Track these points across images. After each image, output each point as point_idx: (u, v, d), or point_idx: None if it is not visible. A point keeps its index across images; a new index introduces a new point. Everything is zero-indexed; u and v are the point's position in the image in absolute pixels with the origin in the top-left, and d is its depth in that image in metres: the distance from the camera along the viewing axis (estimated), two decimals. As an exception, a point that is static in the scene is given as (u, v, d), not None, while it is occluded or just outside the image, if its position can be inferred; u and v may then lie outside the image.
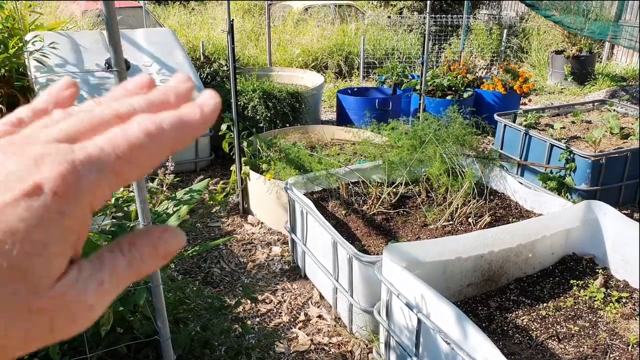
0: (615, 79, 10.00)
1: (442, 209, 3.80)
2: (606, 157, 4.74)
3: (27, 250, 0.29)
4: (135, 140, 0.31)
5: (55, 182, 0.29)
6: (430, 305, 2.57)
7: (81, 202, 0.30)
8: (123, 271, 0.32)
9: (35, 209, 0.29)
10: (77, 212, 0.30)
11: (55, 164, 0.29)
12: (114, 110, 0.33)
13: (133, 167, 0.31)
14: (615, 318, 3.08)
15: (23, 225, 0.28)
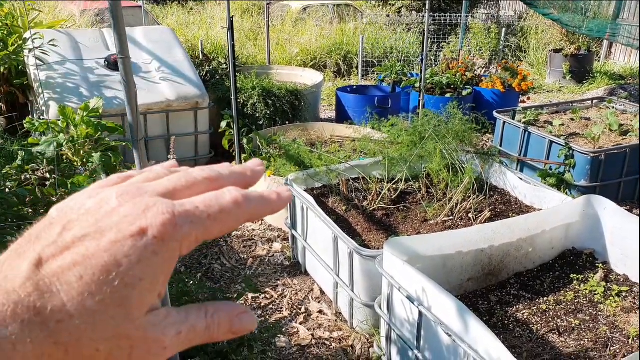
0: (614, 77, 10.02)
1: (442, 205, 3.81)
2: (605, 153, 4.76)
3: (126, 282, 0.34)
4: (226, 205, 0.38)
5: (157, 228, 0.35)
6: (432, 298, 2.58)
7: (173, 248, 0.36)
8: (200, 332, 0.38)
9: (137, 248, 0.35)
10: (168, 255, 0.36)
11: (159, 214, 0.35)
12: (205, 174, 0.41)
13: (218, 226, 0.38)
14: (615, 312, 3.08)
15: (126, 260, 0.34)
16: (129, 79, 1.26)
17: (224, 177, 0.42)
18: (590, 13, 8.49)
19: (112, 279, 0.34)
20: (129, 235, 0.35)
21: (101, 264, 0.34)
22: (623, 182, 4.90)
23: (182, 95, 5.32)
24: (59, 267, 0.34)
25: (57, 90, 4.96)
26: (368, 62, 10.32)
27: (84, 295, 0.34)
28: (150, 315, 0.36)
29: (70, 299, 0.33)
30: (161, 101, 5.26)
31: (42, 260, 0.34)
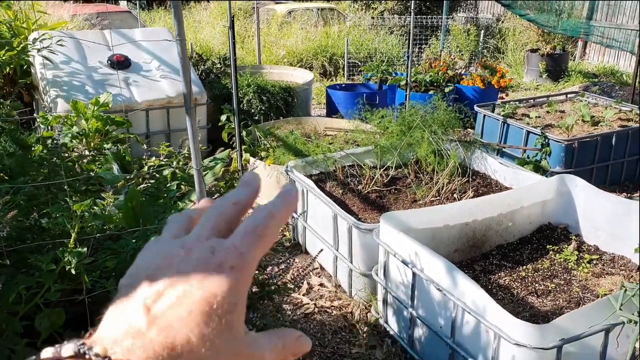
0: (588, 75, 10.49)
1: (429, 187, 4.16)
2: (578, 141, 5.15)
3: (226, 308, 0.40)
4: (266, 222, 0.45)
5: (231, 260, 0.42)
6: (424, 261, 2.92)
7: (247, 273, 0.43)
8: (280, 350, 0.45)
9: (223, 279, 0.41)
10: (246, 279, 0.43)
11: (226, 249, 0.43)
12: (232, 200, 0.48)
13: (268, 239, 0.45)
14: (587, 276, 3.45)
15: (220, 290, 0.40)
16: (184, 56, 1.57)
17: (243, 199, 0.48)
18: (564, 14, 8.95)
19: (216, 307, 0.39)
20: (213, 270, 0.41)
21: (200, 298, 0.40)
22: (595, 168, 5.30)
23: (181, 92, 5.60)
24: (166, 307, 0.39)
25: (64, 88, 5.23)
26: (352, 63, 10.68)
27: (201, 326, 0.39)
28: (248, 336, 0.42)
29: (191, 330, 0.38)
30: (162, 98, 5.55)
31: (147, 307, 0.40)
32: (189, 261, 0.42)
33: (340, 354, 3.23)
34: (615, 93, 8.59)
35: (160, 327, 0.38)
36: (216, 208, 0.47)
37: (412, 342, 3.12)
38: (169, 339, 0.38)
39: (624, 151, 5.41)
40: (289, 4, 15.38)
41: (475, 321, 2.63)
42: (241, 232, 0.44)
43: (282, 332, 0.46)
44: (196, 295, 0.39)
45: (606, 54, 11.43)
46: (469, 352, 2.70)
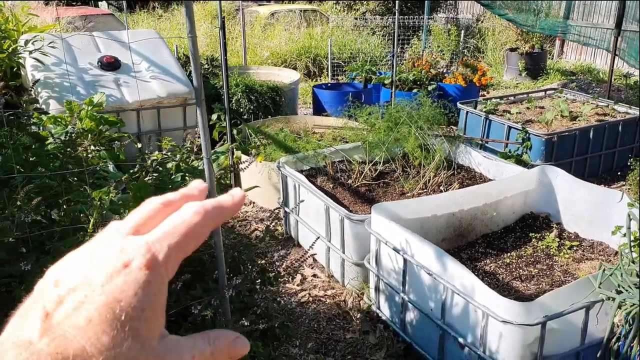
0: (566, 73, 10.76)
1: (416, 180, 4.31)
2: (558, 135, 5.35)
3: (131, 315, 0.37)
4: (190, 220, 0.42)
5: (139, 260, 0.39)
6: (414, 247, 3.06)
7: (160, 273, 0.39)
8: (207, 356, 0.41)
9: (129, 282, 0.38)
10: (159, 281, 0.39)
11: (135, 248, 0.39)
12: (159, 201, 0.45)
13: (190, 240, 0.42)
14: (567, 262, 3.63)
15: (124, 295, 0.37)
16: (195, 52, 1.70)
17: (176, 200, 0.45)
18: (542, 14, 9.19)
19: (118, 314, 0.37)
20: (117, 273, 0.38)
21: (102, 304, 0.37)
22: (574, 161, 5.50)
23: (171, 92, 5.72)
24: (65, 314, 0.37)
25: (56, 90, 5.31)
26: (336, 64, 10.83)
27: (99, 335, 0.36)
28: (164, 343, 0.40)
29: (87, 340, 0.36)
30: (152, 98, 5.64)
31: (47, 313, 0.37)
32: (94, 264, 0.39)
33: (335, 339, 3.37)
34: (592, 90, 8.84)
35: (53, 337, 0.36)
36: (143, 206, 0.45)
37: (403, 325, 3.26)
38: (60, 349, 0.35)
39: (601, 145, 5.63)
40: (272, 6, 15.51)
41: (464, 302, 2.78)
42: (159, 230, 0.42)
43: (214, 334, 0.43)
44: (98, 301, 0.37)
45: (583, 53, 11.72)
46: (458, 332, 2.85)
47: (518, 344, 2.60)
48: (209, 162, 1.84)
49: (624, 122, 5.71)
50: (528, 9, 8.75)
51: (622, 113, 6.00)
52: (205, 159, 1.84)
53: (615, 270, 2.70)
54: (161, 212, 0.44)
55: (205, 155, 1.83)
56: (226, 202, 0.45)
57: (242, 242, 2.53)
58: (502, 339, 2.64)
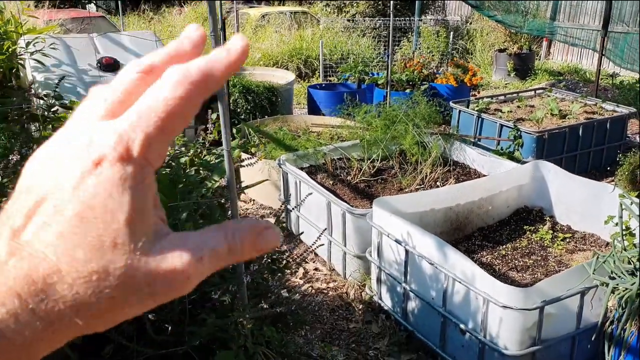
0: (553, 74, 10.97)
1: (414, 176, 4.44)
2: (548, 133, 5.50)
3: (108, 220, 0.32)
4: (169, 93, 0.33)
5: (110, 153, 0.32)
6: (415, 239, 3.19)
7: (140, 164, 0.33)
8: (222, 254, 0.35)
9: (101, 182, 0.32)
10: (139, 176, 0.33)
11: (104, 139, 0.33)
12: (136, 69, 0.36)
13: (174, 120, 0.34)
14: (561, 253, 3.77)
15: (97, 199, 0.32)
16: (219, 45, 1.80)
17: (160, 64, 0.36)
18: (529, 15, 9.39)
19: (92, 223, 0.32)
20: (87, 173, 0.32)
21: (73, 214, 0.32)
22: (564, 157, 5.66)
23: (170, 93, 5.81)
24: (33, 233, 0.32)
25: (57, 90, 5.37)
26: (327, 65, 10.95)
27: (72, 250, 0.32)
28: (162, 243, 0.34)
29: (59, 257, 0.32)
30: (152, 99, 5.73)
31: (15, 232, 0.33)
32: (62, 164, 0.33)
33: (339, 329, 3.48)
34: (580, 90, 9.04)
35: (22, 256, 0.32)
36: (119, 78, 0.36)
37: (405, 314, 3.38)
38: (30, 270, 0.32)
39: (590, 141, 5.79)
40: (262, 8, 15.61)
41: (465, 290, 2.90)
42: (132, 111, 0.34)
43: (233, 227, 0.36)
44: (68, 210, 0.32)
45: (569, 54, 11.94)
46: (459, 319, 2.98)
47: (517, 329, 2.73)
48: (229, 154, 1.95)
49: (612, 119, 5.88)
50: (516, 10, 8.94)
51: (610, 111, 6.17)
52: (226, 150, 1.95)
53: (609, 258, 2.84)
54: (142, 83, 0.36)
55: (226, 147, 1.94)
56: (218, 61, 0.35)
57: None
58: (502, 324, 2.76)
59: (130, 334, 2.10)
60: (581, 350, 2.97)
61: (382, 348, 3.30)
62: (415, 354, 3.24)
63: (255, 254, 0.37)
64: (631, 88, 9.06)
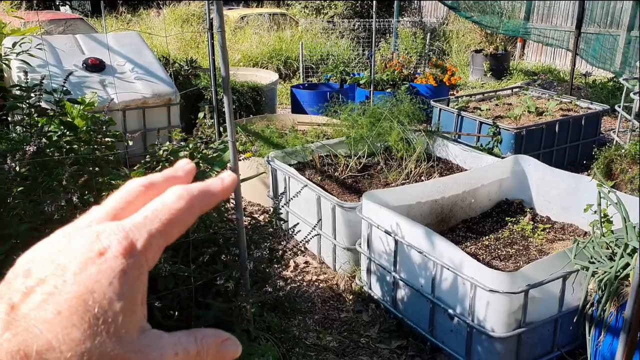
0: (528, 73, 11.24)
1: (399, 172, 4.58)
2: (526, 129, 5.69)
3: (105, 306, 0.34)
4: (172, 205, 0.39)
5: (115, 247, 0.36)
6: (404, 229, 3.31)
7: (139, 262, 0.36)
8: (192, 355, 0.38)
9: (104, 271, 0.35)
10: (137, 271, 0.36)
11: (112, 234, 0.37)
12: (139, 183, 0.41)
13: (174, 226, 0.39)
14: (542, 242, 3.93)
15: (98, 285, 0.34)
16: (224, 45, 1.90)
17: (159, 182, 0.42)
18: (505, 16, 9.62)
19: (90, 306, 0.34)
20: (91, 261, 0.35)
21: (73, 295, 0.34)
22: (541, 153, 5.85)
23: (156, 92, 5.87)
24: (30, 309, 0.34)
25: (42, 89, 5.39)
26: (307, 67, 11.07)
27: (68, 328, 0.33)
28: (144, 337, 0.36)
29: (55, 334, 0.33)
30: (138, 98, 5.78)
31: (12, 306, 0.34)
32: (68, 251, 0.36)
33: (331, 319, 3.60)
34: (554, 88, 9.29)
35: (17, 331, 0.33)
36: (123, 189, 0.41)
37: (395, 303, 3.51)
38: (23, 345, 0.33)
39: (566, 138, 6.00)
40: (241, 10, 15.68)
41: (453, 276, 3.04)
42: (139, 215, 0.39)
43: (201, 332, 0.40)
44: (69, 291, 0.34)
45: (543, 54, 12.24)
46: (448, 304, 3.11)
47: (504, 312, 2.87)
48: (234, 145, 2.05)
49: (587, 116, 6.10)
50: (492, 11, 9.16)
51: (585, 108, 6.39)
52: (231, 142, 2.05)
53: (588, 244, 3.00)
54: (142, 196, 0.41)
55: (231, 139, 2.03)
56: (214, 186, 0.42)
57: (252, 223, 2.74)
58: (489, 308, 2.90)
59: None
60: (563, 332, 3.13)
61: (373, 335, 3.42)
62: (405, 340, 3.37)
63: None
64: (604, 87, 9.36)
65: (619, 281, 2.76)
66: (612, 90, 8.92)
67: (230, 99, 2.01)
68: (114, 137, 4.04)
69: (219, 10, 1.91)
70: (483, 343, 2.97)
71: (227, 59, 1.95)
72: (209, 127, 5.34)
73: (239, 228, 2.18)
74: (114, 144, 2.46)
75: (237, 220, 2.16)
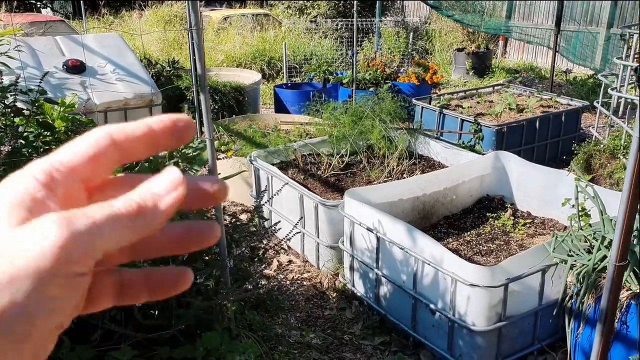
0: (510, 71, 11.33)
1: (381, 169, 4.60)
2: (507, 126, 5.74)
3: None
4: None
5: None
6: (386, 226, 3.33)
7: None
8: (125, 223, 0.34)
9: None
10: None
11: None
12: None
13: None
14: (522, 237, 3.97)
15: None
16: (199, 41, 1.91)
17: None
18: (486, 15, 9.70)
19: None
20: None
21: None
22: (522, 150, 5.90)
23: (138, 93, 5.84)
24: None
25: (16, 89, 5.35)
26: (291, 67, 11.07)
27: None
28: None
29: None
30: (120, 100, 5.75)
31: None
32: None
33: (315, 316, 3.61)
34: (535, 86, 9.38)
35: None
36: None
37: (377, 299, 3.53)
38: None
39: (547, 134, 6.06)
40: (224, 11, 15.65)
41: (434, 272, 3.06)
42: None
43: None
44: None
45: (525, 52, 12.34)
46: (429, 300, 3.13)
47: (484, 306, 2.90)
48: (212, 142, 2.05)
49: (567, 112, 6.17)
50: (474, 10, 9.23)
51: (565, 105, 6.46)
52: (208, 140, 2.05)
53: (567, 237, 3.04)
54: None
55: (208, 137, 2.04)
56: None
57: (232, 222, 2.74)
58: (469, 302, 2.93)
59: (118, 319, 2.18)
60: (543, 326, 3.16)
61: (357, 332, 3.43)
62: (388, 336, 3.39)
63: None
64: (584, 83, 9.46)
65: (596, 273, 2.80)
66: (593, 87, 9.02)
67: (207, 96, 2.01)
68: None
69: (193, 8, 1.91)
70: (464, 337, 3.00)
71: (203, 56, 1.95)
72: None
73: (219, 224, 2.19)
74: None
75: (217, 218, 2.16)
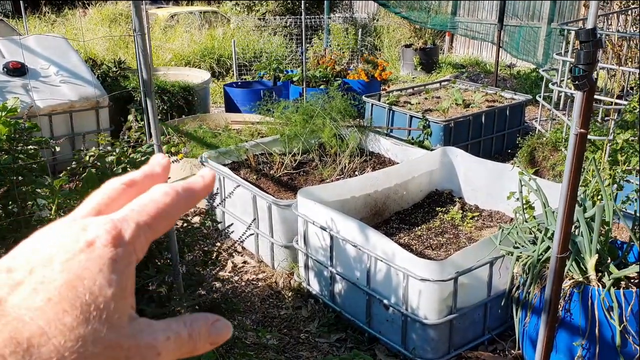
0: (456, 66, 11.57)
1: (334, 167, 4.65)
2: (454, 122, 5.87)
3: (96, 293, 0.35)
4: (159, 199, 0.40)
5: (104, 237, 0.37)
6: (339, 224, 3.38)
7: (128, 251, 0.37)
8: (184, 338, 0.39)
9: (93, 260, 0.35)
10: (126, 260, 0.37)
11: (100, 225, 0.37)
12: (121, 181, 0.43)
13: (160, 220, 0.40)
14: (471, 230, 4.09)
15: (88, 272, 0.35)
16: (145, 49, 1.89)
17: (139, 179, 0.43)
18: (432, 12, 9.88)
19: (81, 292, 0.34)
20: (79, 251, 0.36)
21: (63, 282, 0.34)
22: (469, 144, 6.05)
23: (83, 95, 5.72)
24: (21, 299, 0.34)
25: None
26: (241, 64, 11.01)
27: (60, 314, 0.33)
28: (135, 323, 0.37)
29: (46, 321, 0.33)
30: (64, 102, 5.62)
31: (1, 298, 0.34)
32: (54, 244, 0.36)
33: (270, 317, 3.62)
34: (481, 80, 9.62)
35: (7, 321, 0.33)
36: (104, 187, 0.42)
37: (333, 297, 3.57)
38: (14, 332, 0.33)
39: (493, 128, 6.23)
40: (171, 8, 15.41)
41: (386, 267, 3.12)
42: (125, 209, 0.40)
43: (190, 317, 0.40)
44: (58, 280, 0.34)
45: (470, 47, 12.62)
46: (383, 295, 3.20)
47: (435, 299, 2.98)
48: (160, 147, 2.04)
49: (511, 106, 6.36)
50: (420, 8, 9.38)
51: (509, 99, 6.65)
52: (156, 145, 2.04)
53: (512, 230, 3.15)
54: (124, 193, 0.42)
55: (156, 142, 2.03)
56: (197, 184, 0.44)
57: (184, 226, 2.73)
58: (421, 296, 3.00)
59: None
60: (493, 316, 3.27)
61: (313, 330, 3.47)
62: (344, 333, 3.44)
63: (209, 346, 0.41)
64: (527, 77, 9.75)
65: (541, 264, 2.91)
66: (535, 81, 9.31)
67: (154, 104, 2.00)
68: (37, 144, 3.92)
69: (137, 13, 1.90)
70: (417, 331, 3.07)
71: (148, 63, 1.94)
72: (136, 131, 5.24)
73: (170, 231, 2.18)
74: (37, 152, 2.40)
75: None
